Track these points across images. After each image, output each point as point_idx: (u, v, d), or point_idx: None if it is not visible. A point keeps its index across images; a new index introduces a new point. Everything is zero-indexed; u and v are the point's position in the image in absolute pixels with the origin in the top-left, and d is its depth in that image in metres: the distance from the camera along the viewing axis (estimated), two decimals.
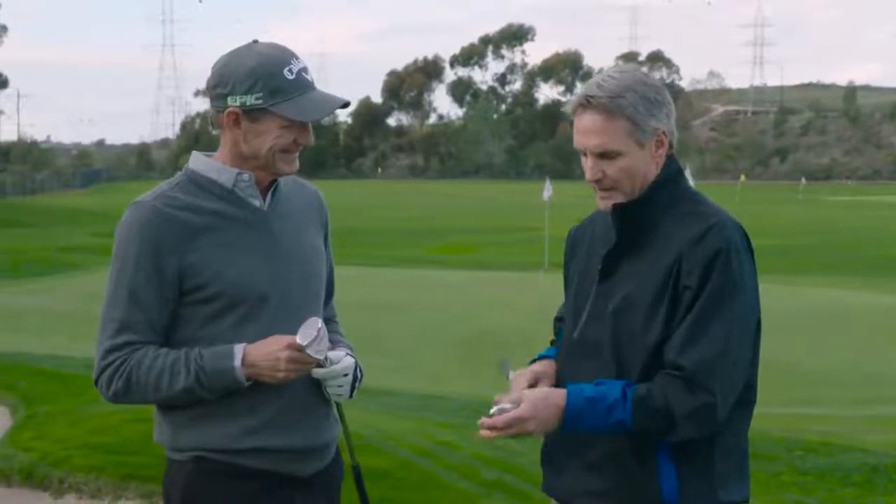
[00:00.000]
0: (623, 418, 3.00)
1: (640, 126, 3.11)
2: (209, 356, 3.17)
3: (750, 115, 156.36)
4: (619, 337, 3.12)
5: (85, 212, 55.09)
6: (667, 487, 3.08)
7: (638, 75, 3.18)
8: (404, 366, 14.06)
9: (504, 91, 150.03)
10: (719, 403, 3.00)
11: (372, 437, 8.03)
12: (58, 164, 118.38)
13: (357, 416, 9.13)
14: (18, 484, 7.48)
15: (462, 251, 38.02)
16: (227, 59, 3.24)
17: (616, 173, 3.14)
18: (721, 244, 3.04)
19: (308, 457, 3.37)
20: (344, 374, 3.33)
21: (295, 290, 3.32)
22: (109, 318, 3.23)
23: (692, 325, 3.01)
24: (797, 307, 20.54)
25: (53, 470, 7.39)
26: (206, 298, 3.21)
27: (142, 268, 3.19)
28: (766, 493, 7.67)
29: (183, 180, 3.32)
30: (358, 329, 17.78)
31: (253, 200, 3.31)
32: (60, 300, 20.04)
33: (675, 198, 3.19)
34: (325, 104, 3.27)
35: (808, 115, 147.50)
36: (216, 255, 3.21)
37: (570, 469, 3.26)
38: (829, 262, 32.43)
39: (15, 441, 8.15)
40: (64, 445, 7.75)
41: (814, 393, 13.25)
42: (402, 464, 7.34)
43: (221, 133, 3.28)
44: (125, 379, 3.20)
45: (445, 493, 6.76)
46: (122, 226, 3.24)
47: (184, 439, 3.31)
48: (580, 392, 3.03)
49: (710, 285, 3.01)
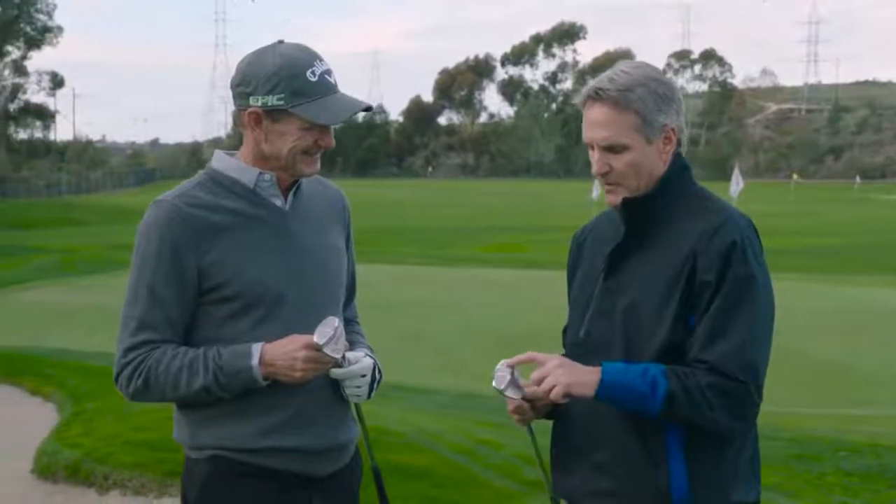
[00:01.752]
0: (657, 375, 2.97)
1: (649, 121, 3.10)
2: (227, 355, 3.17)
3: (804, 114, 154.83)
4: (630, 334, 3.10)
5: (137, 211, 54.60)
6: (676, 487, 3.06)
7: (649, 71, 3.17)
8: (448, 364, 14.08)
9: (554, 90, 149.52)
10: (752, 390, 2.99)
11: (412, 435, 8.06)
12: (112, 163, 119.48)
13: (398, 415, 9.18)
14: (64, 480, 7.57)
15: (511, 250, 37.97)
16: (250, 58, 3.25)
17: (622, 167, 3.13)
18: (735, 237, 3.02)
19: (325, 457, 3.37)
20: (362, 375, 3.33)
21: (314, 291, 3.32)
22: (129, 316, 3.25)
23: (716, 320, 2.99)
24: (847, 307, 20.40)
25: (98, 466, 7.46)
26: (225, 298, 3.22)
27: (161, 266, 3.20)
28: (811, 493, 7.60)
29: (204, 179, 3.33)
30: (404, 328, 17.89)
31: (274, 200, 3.32)
32: (111, 298, 20.05)
33: (683, 194, 3.18)
34: (347, 107, 3.26)
35: (864, 113, 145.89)
36: (236, 255, 3.22)
37: (579, 469, 3.24)
38: (883, 261, 32.05)
39: (61, 437, 8.24)
40: (109, 442, 7.83)
41: (862, 393, 13.08)
42: (442, 462, 7.34)
43: (244, 132, 3.30)
44: (144, 377, 3.21)
45: (485, 492, 6.75)
46: (143, 224, 3.25)
47: (201, 438, 3.32)
48: (615, 364, 3.03)
49: (729, 278, 2.99)
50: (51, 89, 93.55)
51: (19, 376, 10.93)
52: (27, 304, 19.91)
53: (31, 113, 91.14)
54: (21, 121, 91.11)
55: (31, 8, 79.44)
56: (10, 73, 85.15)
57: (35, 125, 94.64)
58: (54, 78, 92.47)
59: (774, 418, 10.27)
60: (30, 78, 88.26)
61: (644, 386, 2.97)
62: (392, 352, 15.02)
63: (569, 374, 3.01)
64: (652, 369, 2.98)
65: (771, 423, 9.90)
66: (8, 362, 11.46)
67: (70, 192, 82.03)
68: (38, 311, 18.71)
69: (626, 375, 2.99)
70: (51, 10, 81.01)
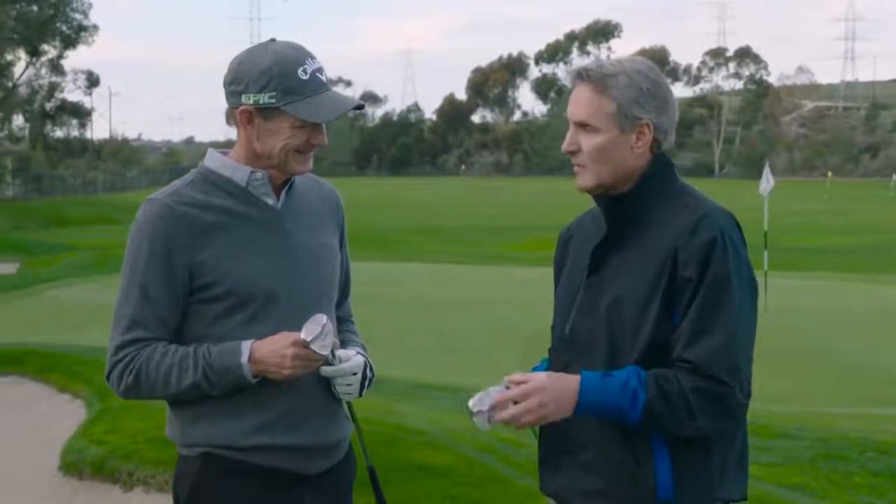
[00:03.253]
0: (637, 388, 2.95)
1: (624, 111, 3.12)
2: (217, 353, 3.18)
3: (840, 111, 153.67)
4: (614, 332, 3.10)
5: None
6: (662, 485, 3.05)
7: (641, 66, 3.19)
8: (479, 363, 14.04)
9: None
10: (736, 392, 2.97)
11: (436, 433, 8.06)
12: (147, 161, 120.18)
13: (423, 413, 9.20)
14: (90, 476, 7.62)
15: (544, 248, 37.83)
16: (243, 56, 3.26)
17: (589, 149, 3.14)
18: (715, 233, 3.02)
19: (316, 455, 3.37)
20: (353, 373, 3.33)
21: (305, 290, 3.33)
22: (121, 314, 3.26)
23: (697, 317, 2.98)
24: (880, 306, 20.24)
25: (123, 463, 7.50)
26: (216, 296, 3.23)
27: (152, 265, 3.21)
28: (838, 493, 7.56)
29: (197, 178, 3.34)
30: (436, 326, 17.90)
31: (266, 199, 3.32)
32: None
33: (665, 191, 3.18)
34: (338, 105, 3.26)
35: None
36: (227, 254, 3.23)
37: (565, 468, 3.24)
38: None
39: (88, 434, 8.30)
40: (134, 439, 7.87)
41: (889, 393, 12.99)
42: (464, 460, 7.34)
43: (237, 131, 3.30)
44: (135, 375, 3.23)
45: (506, 490, 6.74)
46: (135, 223, 3.27)
47: (192, 435, 3.32)
48: (594, 374, 3.01)
49: (709, 275, 2.99)
50: (87, 88, 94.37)
51: (49, 373, 11.02)
52: (60, 302, 20.06)
53: (68, 111, 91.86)
54: (58, 119, 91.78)
55: (66, 7, 79.96)
56: (47, 72, 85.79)
57: (71, 123, 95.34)
58: (90, 76, 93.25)
59: (801, 418, 10.23)
60: (66, 77, 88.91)
61: (623, 400, 2.97)
62: (423, 350, 15.18)
63: (548, 397, 2.97)
64: (632, 380, 2.97)
65: (797, 422, 9.86)
66: (38, 359, 11.56)
67: (105, 191, 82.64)
68: (71, 308, 18.86)
69: (605, 394, 2.98)
70: (86, 8, 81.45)
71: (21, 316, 17.95)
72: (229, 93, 3.26)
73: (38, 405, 10.30)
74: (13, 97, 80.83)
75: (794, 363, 13.46)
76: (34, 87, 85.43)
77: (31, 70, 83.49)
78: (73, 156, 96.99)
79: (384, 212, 56.61)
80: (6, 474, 8.33)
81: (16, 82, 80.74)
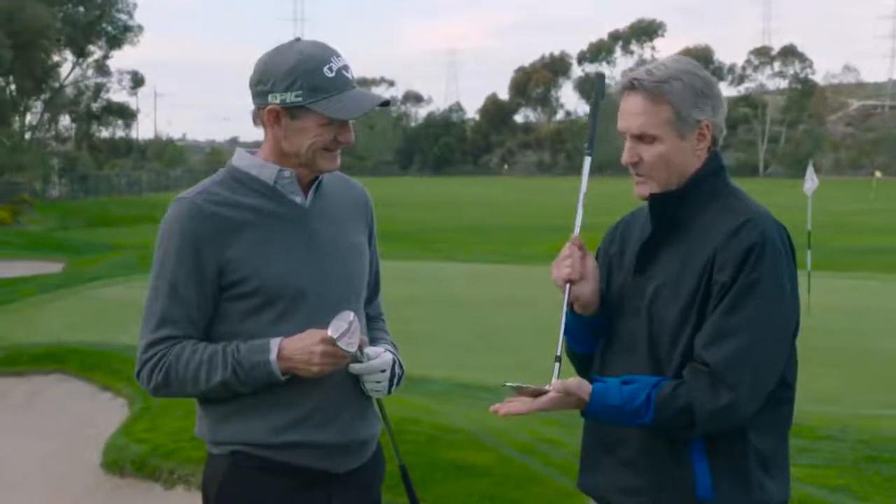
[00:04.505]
0: (647, 420, 2.98)
1: (683, 115, 3.08)
2: (246, 350, 3.19)
3: (887, 110, 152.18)
4: (654, 331, 3.09)
5: None
6: (701, 484, 3.04)
7: (689, 66, 3.15)
8: (519, 363, 14.01)
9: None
10: (743, 402, 2.95)
11: (476, 432, 8.05)
12: (192, 161, 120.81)
13: (463, 412, 9.18)
14: (131, 474, 7.68)
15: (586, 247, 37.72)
16: (268, 56, 3.27)
17: (651, 159, 3.12)
18: (756, 239, 2.98)
19: (344, 453, 3.37)
20: (381, 370, 3.33)
21: (334, 288, 3.33)
22: (150, 312, 3.29)
23: (720, 320, 2.96)
24: None
25: (164, 461, 7.57)
26: (245, 294, 3.24)
27: (182, 263, 3.23)
28: (880, 496, 7.50)
29: (225, 176, 3.36)
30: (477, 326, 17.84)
31: (294, 197, 3.34)
32: None
33: (714, 193, 3.14)
34: (364, 102, 3.27)
35: None
36: (255, 252, 3.24)
37: (604, 466, 3.24)
38: None
39: (129, 433, 8.36)
40: (175, 437, 7.92)
41: None
42: (503, 460, 7.33)
43: (264, 130, 3.31)
44: (164, 373, 3.25)
45: (544, 490, 6.73)
46: (164, 222, 3.29)
47: (221, 433, 3.34)
48: (605, 394, 3.00)
49: (740, 280, 2.96)
50: (132, 88, 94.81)
51: (92, 371, 11.08)
52: (104, 301, 20.18)
53: (113, 112, 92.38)
54: (103, 120, 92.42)
55: (112, 8, 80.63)
56: (93, 72, 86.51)
57: (117, 124, 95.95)
58: (135, 77, 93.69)
59: (843, 419, 10.13)
60: (111, 77, 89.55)
61: (625, 419, 3.01)
62: (464, 349, 15.16)
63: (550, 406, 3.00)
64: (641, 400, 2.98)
65: (840, 423, 9.77)
66: (81, 357, 11.63)
67: (150, 190, 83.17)
68: (114, 307, 18.97)
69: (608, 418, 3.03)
70: (131, 9, 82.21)
71: (66, 315, 18.07)
72: (256, 93, 3.27)
73: (81, 403, 10.37)
74: (60, 98, 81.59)
75: (836, 364, 13.32)
76: (80, 87, 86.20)
77: (78, 71, 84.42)
78: (119, 156, 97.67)
79: (426, 211, 56.64)
80: (49, 471, 8.42)
81: (62, 83, 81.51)
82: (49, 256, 31.67)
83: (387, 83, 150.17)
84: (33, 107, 79.65)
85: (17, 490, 8.08)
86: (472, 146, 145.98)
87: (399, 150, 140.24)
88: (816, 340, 12.45)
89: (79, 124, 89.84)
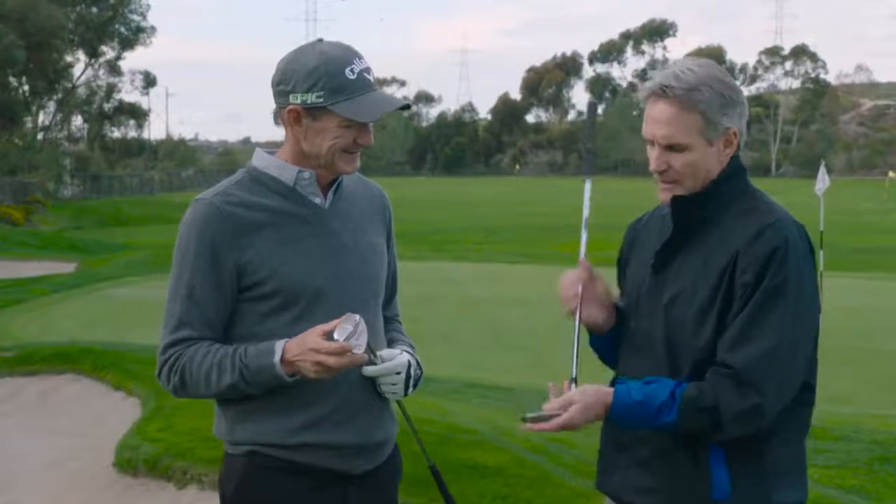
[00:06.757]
0: (670, 420, 2.97)
1: (713, 123, 3.07)
2: (252, 353, 3.19)
3: None
4: (672, 332, 3.08)
5: None
6: (718, 486, 3.03)
7: (716, 71, 3.13)
8: (531, 363, 14.02)
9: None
10: (768, 404, 2.94)
11: (488, 433, 8.05)
12: (203, 161, 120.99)
13: (475, 412, 9.18)
14: (144, 474, 7.68)
15: (598, 247, 37.54)
16: (290, 56, 3.27)
17: (681, 167, 3.10)
18: (779, 242, 2.97)
19: (361, 454, 3.37)
20: (396, 372, 3.33)
21: (352, 289, 3.33)
22: (170, 314, 3.30)
23: (744, 323, 2.96)
24: None
25: (177, 461, 7.57)
26: (263, 295, 3.24)
27: (199, 265, 3.23)
28: (894, 496, 7.46)
29: (245, 177, 3.36)
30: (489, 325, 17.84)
31: (313, 198, 3.34)
32: None
33: (735, 195, 3.13)
34: (385, 105, 3.26)
35: None
36: (274, 253, 3.24)
37: (621, 466, 3.24)
38: None
39: (143, 432, 8.35)
40: (188, 437, 7.92)
41: None
42: (516, 460, 7.32)
43: (285, 130, 3.31)
44: (180, 374, 3.26)
45: (557, 490, 6.72)
46: (183, 223, 3.29)
47: (239, 433, 3.34)
48: (627, 394, 3.01)
49: (765, 283, 2.95)
50: (144, 89, 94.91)
51: (104, 371, 11.10)
52: (116, 300, 20.24)
53: (125, 112, 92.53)
54: (115, 120, 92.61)
55: (125, 9, 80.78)
56: (105, 73, 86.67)
57: (129, 124, 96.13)
58: (147, 77, 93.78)
59: (857, 419, 10.10)
60: (124, 78, 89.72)
61: (649, 421, 3.02)
62: (476, 349, 15.16)
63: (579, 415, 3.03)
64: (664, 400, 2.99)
65: (853, 424, 9.73)
66: (94, 357, 11.65)
67: (162, 190, 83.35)
68: (127, 307, 19.03)
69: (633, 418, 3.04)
70: (145, 10, 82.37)
71: (78, 314, 18.13)
72: (277, 92, 3.27)
73: (94, 402, 10.39)
74: (72, 98, 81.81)
75: (850, 364, 13.28)
76: (93, 88, 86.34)
77: (90, 71, 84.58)
78: (131, 156, 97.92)
79: (438, 211, 56.64)
80: (61, 470, 8.43)
81: (75, 83, 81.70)
82: (61, 256, 31.76)
83: (398, 83, 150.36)
84: (46, 107, 79.95)
85: (30, 489, 8.10)
86: (484, 146, 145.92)
87: (411, 151, 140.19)
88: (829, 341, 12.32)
89: (91, 124, 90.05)
